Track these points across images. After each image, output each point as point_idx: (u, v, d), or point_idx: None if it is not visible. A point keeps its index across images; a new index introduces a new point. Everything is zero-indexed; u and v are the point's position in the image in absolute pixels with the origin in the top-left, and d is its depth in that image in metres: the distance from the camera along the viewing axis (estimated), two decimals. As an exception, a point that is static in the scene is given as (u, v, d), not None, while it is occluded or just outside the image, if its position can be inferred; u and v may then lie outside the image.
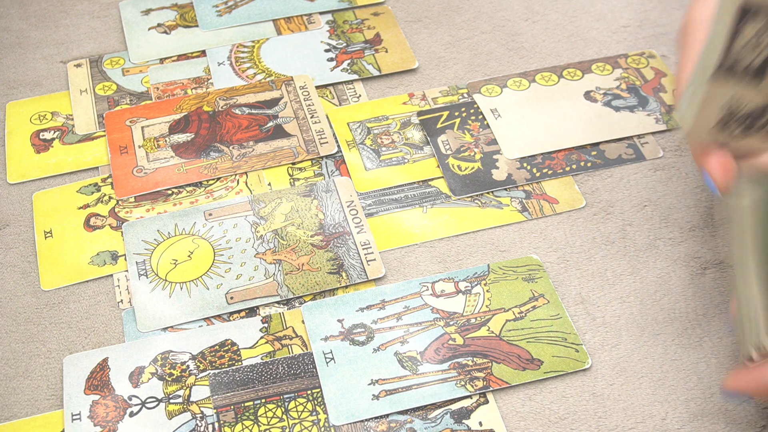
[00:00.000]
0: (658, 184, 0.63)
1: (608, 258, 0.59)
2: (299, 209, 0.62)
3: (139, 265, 0.59)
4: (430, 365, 0.54)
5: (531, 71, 0.71)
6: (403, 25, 0.75)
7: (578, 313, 0.57)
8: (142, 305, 0.57)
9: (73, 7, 0.78)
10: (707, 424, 0.52)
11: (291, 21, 0.76)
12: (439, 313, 0.56)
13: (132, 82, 0.71)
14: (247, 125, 0.67)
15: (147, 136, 0.67)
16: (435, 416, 0.52)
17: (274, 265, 0.59)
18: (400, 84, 0.71)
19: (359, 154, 0.65)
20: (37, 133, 0.68)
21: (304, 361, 0.54)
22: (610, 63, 0.71)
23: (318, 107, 0.68)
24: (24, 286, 0.59)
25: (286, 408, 0.52)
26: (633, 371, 0.54)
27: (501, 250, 0.60)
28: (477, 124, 0.67)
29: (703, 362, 0.54)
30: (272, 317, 0.56)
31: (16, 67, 0.73)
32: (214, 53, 0.73)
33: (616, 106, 0.67)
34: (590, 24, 0.75)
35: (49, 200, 0.63)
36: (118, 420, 0.52)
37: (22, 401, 0.53)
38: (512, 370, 0.53)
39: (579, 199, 0.63)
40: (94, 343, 0.56)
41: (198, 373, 0.54)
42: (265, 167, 0.65)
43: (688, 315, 0.56)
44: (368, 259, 0.59)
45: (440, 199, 0.63)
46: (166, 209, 0.62)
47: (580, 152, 0.65)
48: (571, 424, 0.52)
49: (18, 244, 0.61)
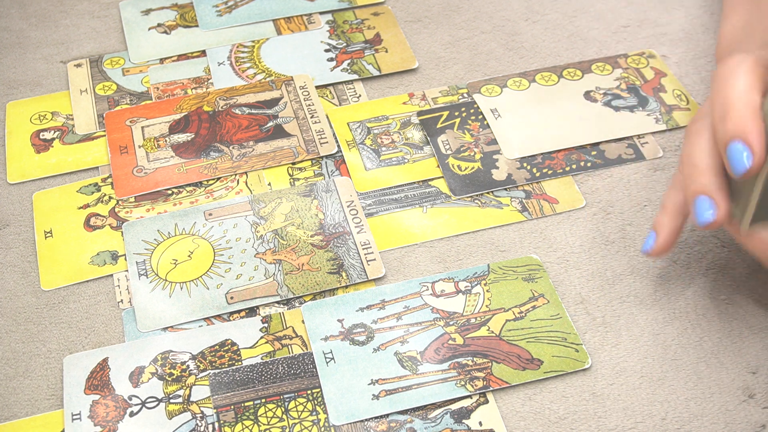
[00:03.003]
0: (658, 184, 0.63)
1: (608, 258, 0.59)
2: (299, 209, 0.62)
3: (139, 265, 0.59)
4: (430, 365, 0.54)
5: (531, 71, 0.71)
6: (403, 25, 0.75)
7: (578, 313, 0.57)
8: (142, 305, 0.57)
9: (73, 7, 0.78)
10: (707, 424, 0.52)
11: (291, 21, 0.76)
12: (439, 313, 0.56)
13: (132, 82, 0.71)
14: (247, 125, 0.67)
15: (147, 136, 0.67)
16: (435, 416, 0.52)
17: (274, 265, 0.59)
18: (400, 84, 0.71)
19: (359, 154, 0.65)
20: (37, 133, 0.68)
21: (304, 361, 0.54)
22: (610, 63, 0.71)
23: (318, 107, 0.68)
24: (24, 286, 0.59)
25: (286, 408, 0.52)
26: (633, 371, 0.54)
27: (501, 250, 0.60)
28: (477, 124, 0.67)
29: (703, 362, 0.54)
30: (272, 317, 0.56)
31: (16, 67, 0.73)
32: (214, 53, 0.73)
33: (616, 106, 0.67)
34: (590, 24, 0.75)
35: (49, 200, 0.63)
36: (118, 420, 0.52)
37: (22, 401, 0.53)
38: (512, 370, 0.53)
39: (579, 199, 0.63)
40: (94, 343, 0.56)
41: (198, 373, 0.54)
42: (265, 167, 0.65)
43: (688, 315, 0.56)
44: (368, 259, 0.59)
45: (440, 199, 0.63)
46: (166, 209, 0.62)
47: (580, 152, 0.65)
48: (571, 424, 0.52)
49: (18, 244, 0.61)
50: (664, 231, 0.53)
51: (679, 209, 0.53)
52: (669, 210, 0.53)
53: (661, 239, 0.53)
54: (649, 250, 0.54)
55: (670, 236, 0.53)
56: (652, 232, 0.54)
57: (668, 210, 0.53)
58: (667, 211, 0.53)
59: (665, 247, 0.54)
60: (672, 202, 0.54)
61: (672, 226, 0.53)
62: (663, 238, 0.53)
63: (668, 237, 0.53)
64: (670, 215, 0.53)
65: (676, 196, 0.53)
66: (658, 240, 0.54)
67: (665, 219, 0.53)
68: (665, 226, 0.53)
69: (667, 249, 0.54)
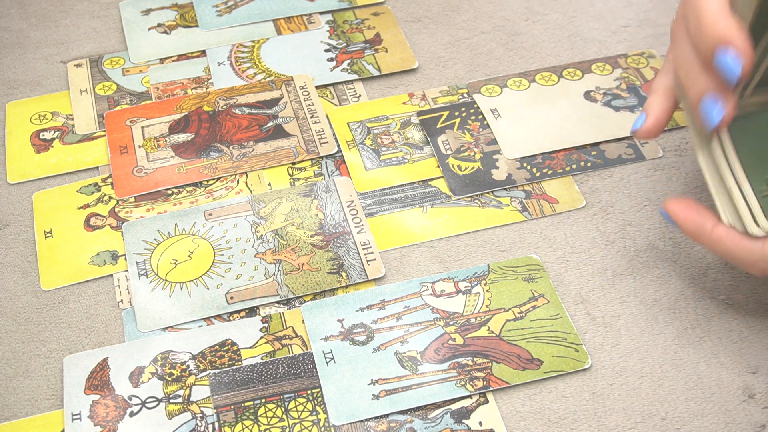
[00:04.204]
0: (658, 184, 0.63)
1: (608, 258, 0.59)
2: (299, 209, 0.62)
3: (139, 265, 0.59)
4: (430, 365, 0.54)
5: (531, 71, 0.71)
6: (403, 25, 0.75)
7: (578, 313, 0.57)
8: (142, 305, 0.57)
9: (73, 7, 0.78)
10: (707, 424, 0.52)
11: (291, 21, 0.76)
12: (439, 313, 0.56)
13: (132, 82, 0.71)
14: (247, 125, 0.67)
15: (147, 136, 0.67)
16: (435, 416, 0.52)
17: (274, 265, 0.59)
18: (400, 84, 0.71)
19: (359, 154, 0.65)
20: (37, 133, 0.68)
21: (304, 361, 0.54)
22: (610, 63, 0.71)
23: (318, 107, 0.68)
24: (24, 286, 0.59)
25: (286, 408, 0.52)
26: (633, 371, 0.54)
27: (501, 250, 0.60)
28: (477, 124, 0.67)
29: (703, 362, 0.54)
30: (272, 317, 0.56)
31: (16, 67, 0.73)
32: (214, 53, 0.73)
33: (616, 106, 0.67)
34: (590, 24, 0.75)
35: (49, 200, 0.63)
36: (118, 420, 0.52)
37: (22, 401, 0.53)
38: (512, 369, 0.53)
39: (579, 199, 0.63)
40: (94, 343, 0.56)
41: (198, 373, 0.54)
42: (265, 167, 0.65)
43: (688, 315, 0.56)
44: (368, 259, 0.59)
45: (440, 199, 0.63)
46: (166, 209, 0.62)
47: (580, 152, 0.65)
48: (571, 424, 0.52)
49: (18, 244, 0.61)
50: (654, 111, 0.52)
51: (670, 92, 0.53)
52: (659, 92, 0.53)
53: (651, 119, 0.52)
54: (639, 129, 0.53)
55: (661, 116, 0.52)
56: (643, 113, 0.53)
57: (659, 92, 0.53)
58: (657, 93, 0.53)
59: (655, 128, 0.53)
60: (662, 84, 0.53)
61: (662, 106, 0.52)
62: (653, 118, 0.52)
63: (658, 117, 0.52)
64: (661, 96, 0.52)
65: (665, 78, 0.53)
66: (648, 120, 0.53)
67: (655, 100, 0.53)
68: (656, 107, 0.52)
69: (656, 130, 0.53)
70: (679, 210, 0.52)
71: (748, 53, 0.45)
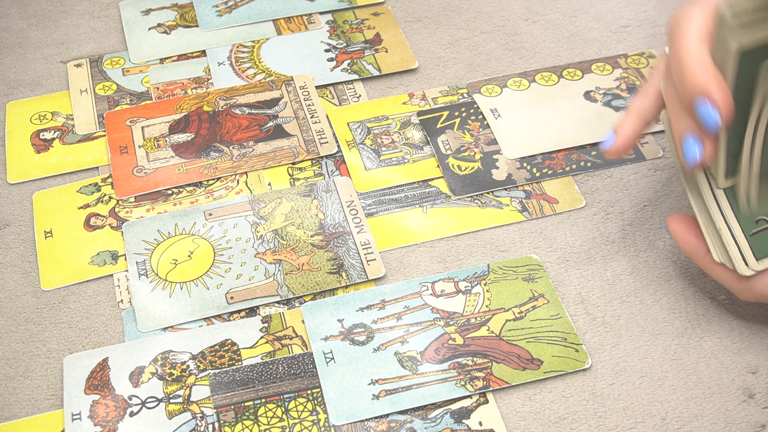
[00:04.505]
0: (658, 184, 0.63)
1: (608, 258, 0.59)
2: (299, 209, 0.62)
3: (139, 265, 0.59)
4: (430, 365, 0.54)
5: (531, 71, 0.71)
6: (403, 25, 0.75)
7: (578, 313, 0.57)
8: (142, 305, 0.57)
9: (73, 7, 0.78)
10: (707, 424, 0.52)
11: (291, 21, 0.76)
12: (439, 313, 0.56)
13: (132, 82, 0.71)
14: (247, 125, 0.67)
15: (147, 136, 0.67)
16: (435, 416, 0.52)
17: (274, 265, 0.59)
18: (400, 84, 0.71)
19: (359, 154, 0.65)
20: (37, 133, 0.68)
21: (304, 361, 0.54)
22: (610, 63, 0.71)
23: (318, 107, 0.68)
24: (24, 286, 0.59)
25: (286, 408, 0.52)
26: (633, 371, 0.54)
27: (501, 250, 0.60)
28: (477, 124, 0.67)
29: (703, 362, 0.54)
30: (272, 317, 0.56)
31: (16, 67, 0.73)
32: (214, 53, 0.73)
33: (616, 106, 0.67)
34: (590, 24, 0.75)
35: (49, 200, 0.63)
36: (118, 420, 0.52)
37: (22, 401, 0.53)
38: (512, 369, 0.53)
39: (579, 199, 0.63)
40: (94, 343, 0.56)
41: (198, 373, 0.54)
42: (265, 167, 0.65)
43: (688, 315, 0.56)
44: (368, 259, 0.59)
45: (440, 199, 0.63)
46: (166, 209, 0.62)
47: (580, 152, 0.65)
48: (571, 424, 0.52)
49: (18, 244, 0.61)
50: (623, 133, 0.55)
51: (642, 114, 0.55)
52: (633, 115, 0.55)
53: (619, 140, 0.55)
54: (606, 148, 0.55)
55: (629, 139, 0.55)
56: (612, 133, 0.55)
57: (632, 115, 0.55)
58: (631, 115, 0.55)
59: (622, 148, 0.55)
60: (636, 107, 0.55)
61: (632, 129, 0.55)
62: (621, 140, 0.55)
63: (626, 139, 0.55)
64: (633, 119, 0.55)
65: (640, 101, 0.55)
66: (617, 141, 0.55)
67: (627, 122, 0.55)
68: (626, 129, 0.55)
69: (623, 150, 0.55)
70: (679, 231, 0.54)
71: (726, 104, 0.47)
